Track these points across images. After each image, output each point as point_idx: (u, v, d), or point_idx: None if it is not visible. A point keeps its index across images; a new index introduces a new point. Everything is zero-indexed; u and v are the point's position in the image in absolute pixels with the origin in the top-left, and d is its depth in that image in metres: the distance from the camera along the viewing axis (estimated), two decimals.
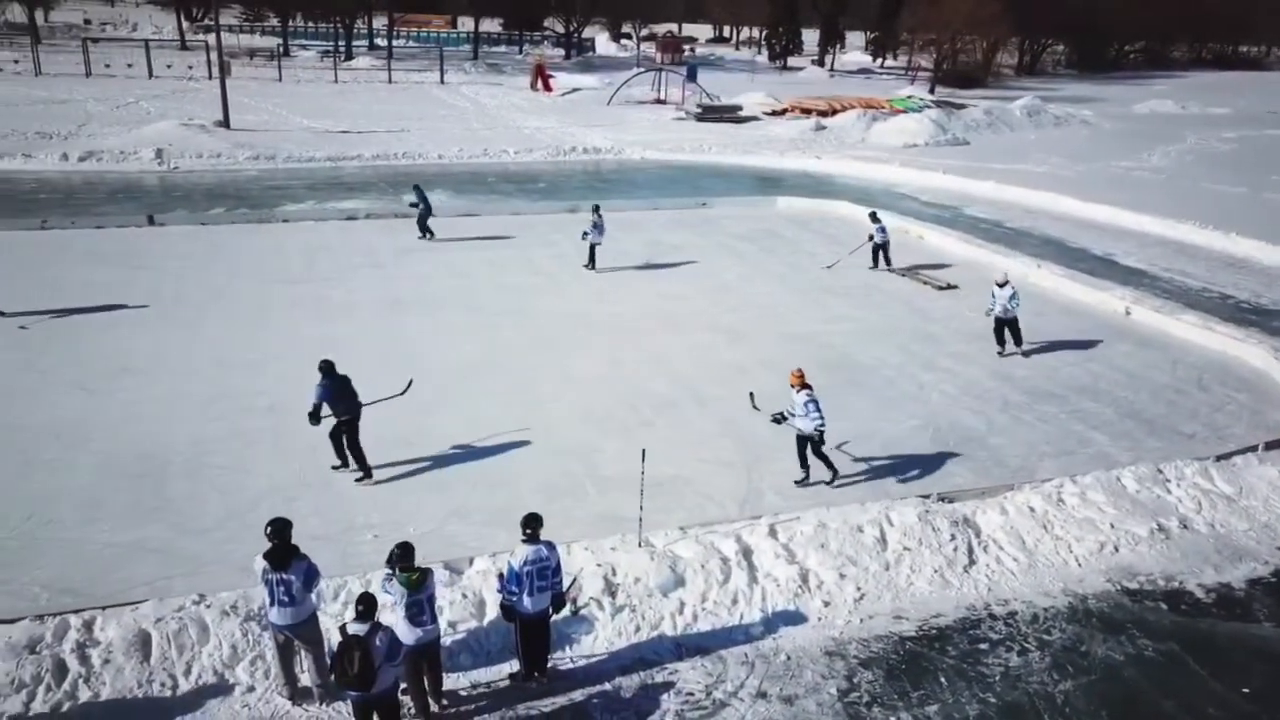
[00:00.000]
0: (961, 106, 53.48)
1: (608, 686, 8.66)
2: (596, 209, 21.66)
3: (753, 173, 37.53)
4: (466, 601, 9.25)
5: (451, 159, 37.33)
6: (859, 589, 10.00)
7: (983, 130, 48.36)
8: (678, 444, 12.93)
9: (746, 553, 10.18)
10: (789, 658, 9.12)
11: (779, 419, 11.71)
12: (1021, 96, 57.47)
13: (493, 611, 9.00)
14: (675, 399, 14.52)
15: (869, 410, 14.34)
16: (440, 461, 12.28)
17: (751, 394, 12.53)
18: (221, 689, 8.32)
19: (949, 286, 20.94)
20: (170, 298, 18.41)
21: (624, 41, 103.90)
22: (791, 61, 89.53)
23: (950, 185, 34.07)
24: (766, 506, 11.33)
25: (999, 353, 16.63)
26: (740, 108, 52.31)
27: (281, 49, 71.95)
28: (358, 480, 11.64)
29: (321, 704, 8.18)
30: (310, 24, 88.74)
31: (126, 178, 32.42)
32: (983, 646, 9.40)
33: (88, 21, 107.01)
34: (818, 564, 10.16)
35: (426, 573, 7.98)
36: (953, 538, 10.67)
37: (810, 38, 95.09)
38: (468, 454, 12.53)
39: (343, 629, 7.19)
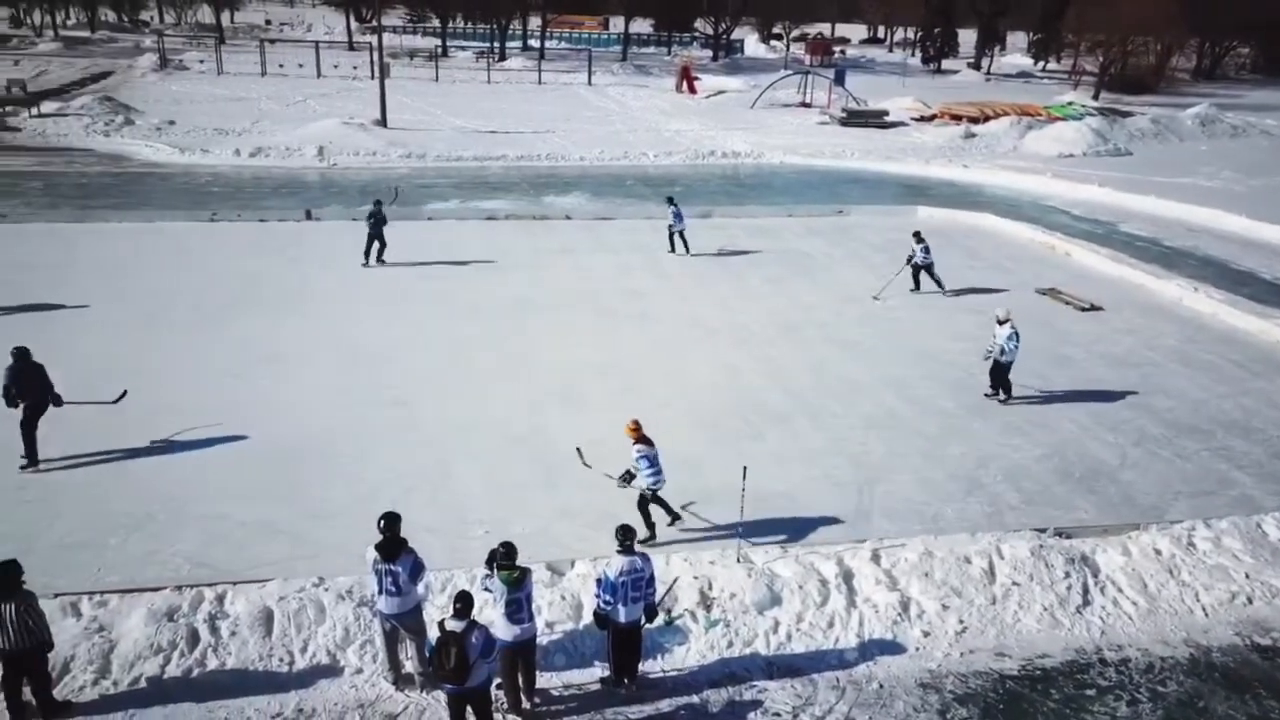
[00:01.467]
0: (1127, 114, 50.71)
1: (695, 699, 8.76)
2: (671, 200, 23.54)
3: (894, 180, 36.72)
4: (564, 603, 9.54)
5: (592, 161, 38.05)
6: (961, 621, 9.75)
7: (1148, 140, 45.67)
8: (787, 459, 12.89)
9: (847, 576, 10.08)
10: (882, 686, 9.00)
11: (626, 479, 10.62)
12: (1196, 104, 53.92)
13: (589, 615, 9.24)
14: (789, 412, 14.45)
15: (991, 435, 13.90)
16: (552, 462, 12.62)
17: (579, 449, 11.42)
18: (332, 669, 8.87)
19: (1093, 308, 19.97)
20: (315, 290, 19.56)
21: (773, 43, 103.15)
22: (946, 64, 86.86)
23: (1106, 199, 32.43)
24: (873, 530, 11.17)
25: (985, 394, 15.00)
26: (886, 113, 51.19)
27: (440, 50, 74.86)
28: (21, 469, 11.77)
29: (422, 691, 8.61)
30: (468, 25, 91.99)
31: (290, 173, 34.56)
32: (1089, 692, 9.02)
33: (268, 22, 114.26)
34: (920, 593, 9.97)
35: (526, 572, 8.28)
36: (1067, 575, 10.25)
37: (967, 39, 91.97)
38: (578, 456, 12.81)
39: (441, 624, 7.55)
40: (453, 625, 7.45)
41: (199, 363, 15.59)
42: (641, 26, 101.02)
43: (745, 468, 10.31)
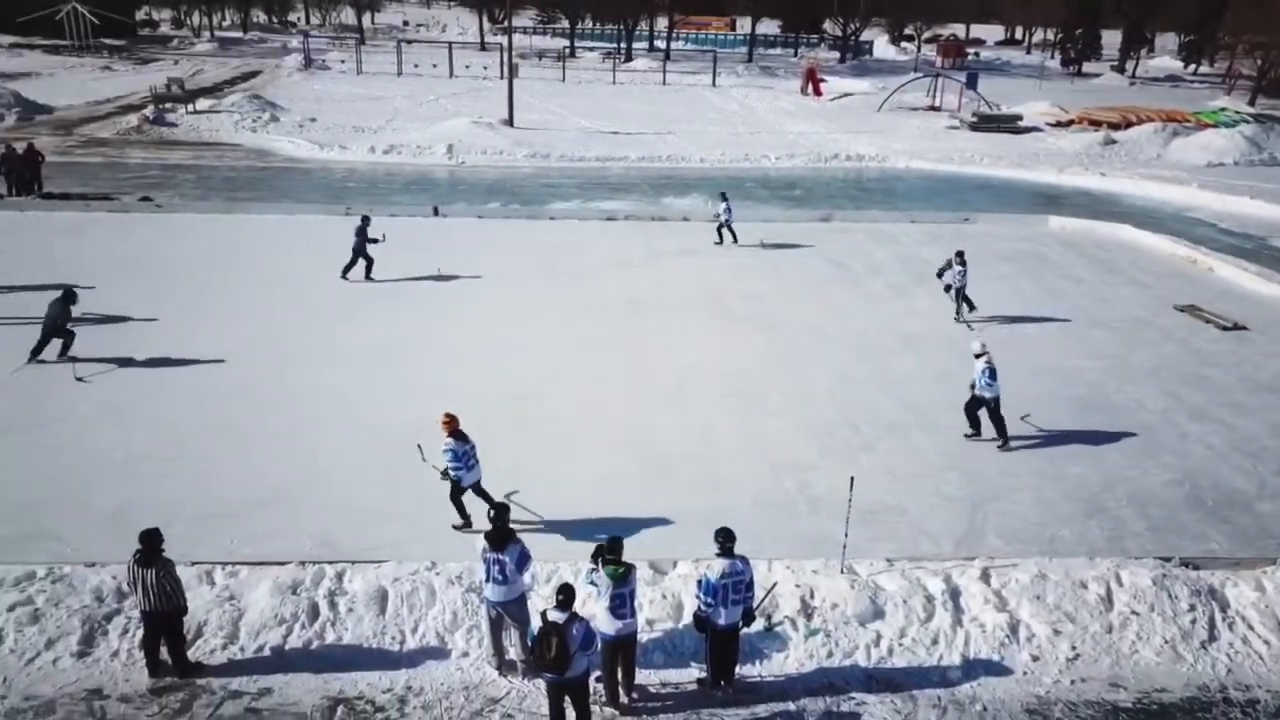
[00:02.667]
0: None
1: (792, 706, 8.74)
2: (724, 195, 24.52)
3: (1025, 188, 35.46)
4: (666, 602, 9.65)
5: (713, 163, 38.08)
6: (1074, 648, 9.41)
7: None
8: (899, 471, 12.67)
9: (954, 593, 9.86)
10: (985, 709, 8.78)
11: (446, 473, 10.74)
12: None
13: (689, 616, 9.32)
14: (903, 423, 14.19)
15: (1118, 457, 13.32)
16: (660, 462, 12.76)
17: (420, 446, 11.23)
18: (440, 651, 9.22)
19: (1237, 327, 18.87)
20: (438, 284, 20.24)
21: (904, 44, 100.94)
22: (1088, 67, 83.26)
23: (1258, 212, 30.54)
24: (984, 548, 10.89)
25: (966, 435, 13.65)
26: (1020, 117, 49.45)
27: (567, 50, 76.17)
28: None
29: (524, 678, 8.86)
30: (596, 26, 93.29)
31: (420, 170, 35.79)
32: None
33: (405, 23, 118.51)
34: (1030, 615, 9.67)
35: (631, 568, 8.43)
36: (1192, 608, 9.77)
37: (1112, 41, 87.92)
38: (689, 458, 12.93)
39: (544, 614, 7.77)
40: (555, 616, 7.65)
41: (335, 349, 16.35)
42: (769, 28, 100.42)
43: (852, 478, 10.21)
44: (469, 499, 10.92)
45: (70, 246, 22.12)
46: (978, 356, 13.43)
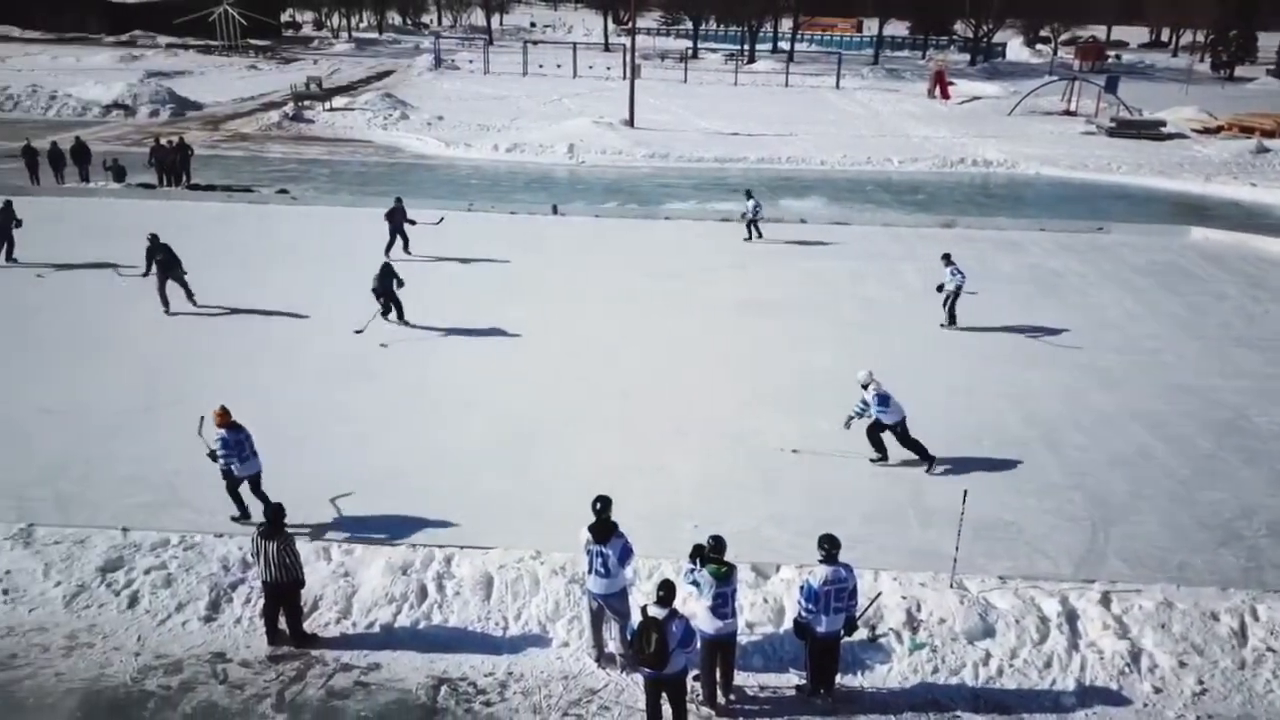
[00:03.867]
0: None
1: (893, 719, 8.53)
2: (749, 193, 24.96)
3: (1166, 198, 33.70)
4: (767, 606, 9.55)
5: (833, 165, 37.54)
6: (1201, 683, 8.88)
7: None
8: (1019, 488, 12.20)
9: (1071, 617, 9.43)
10: None
11: (214, 456, 10.62)
12: None
13: (790, 621, 9.18)
14: (1026, 439, 13.65)
15: (1258, 484, 12.51)
16: (772, 466, 12.63)
17: (202, 418, 10.95)
18: (541, 639, 9.36)
19: None
20: (553, 280, 20.55)
21: (1039, 47, 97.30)
22: (1241, 71, 78.53)
23: None
24: (1106, 572, 10.38)
25: (872, 460, 12.77)
26: (1163, 123, 47.01)
27: (690, 51, 76.30)
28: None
29: (622, 671, 8.91)
30: (720, 27, 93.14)
31: (541, 168, 36.47)
32: None
33: (533, 24, 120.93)
34: (1154, 644, 9.16)
35: (733, 567, 8.39)
36: None
37: (1269, 43, 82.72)
38: (798, 463, 12.76)
39: (644, 609, 7.79)
40: (655, 611, 7.66)
41: (452, 338, 16.81)
42: (896, 29, 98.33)
43: (966, 491, 9.89)
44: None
45: (216, 233, 23.39)
46: (865, 386, 12.54)
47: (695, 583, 8.28)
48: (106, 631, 9.33)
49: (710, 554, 8.25)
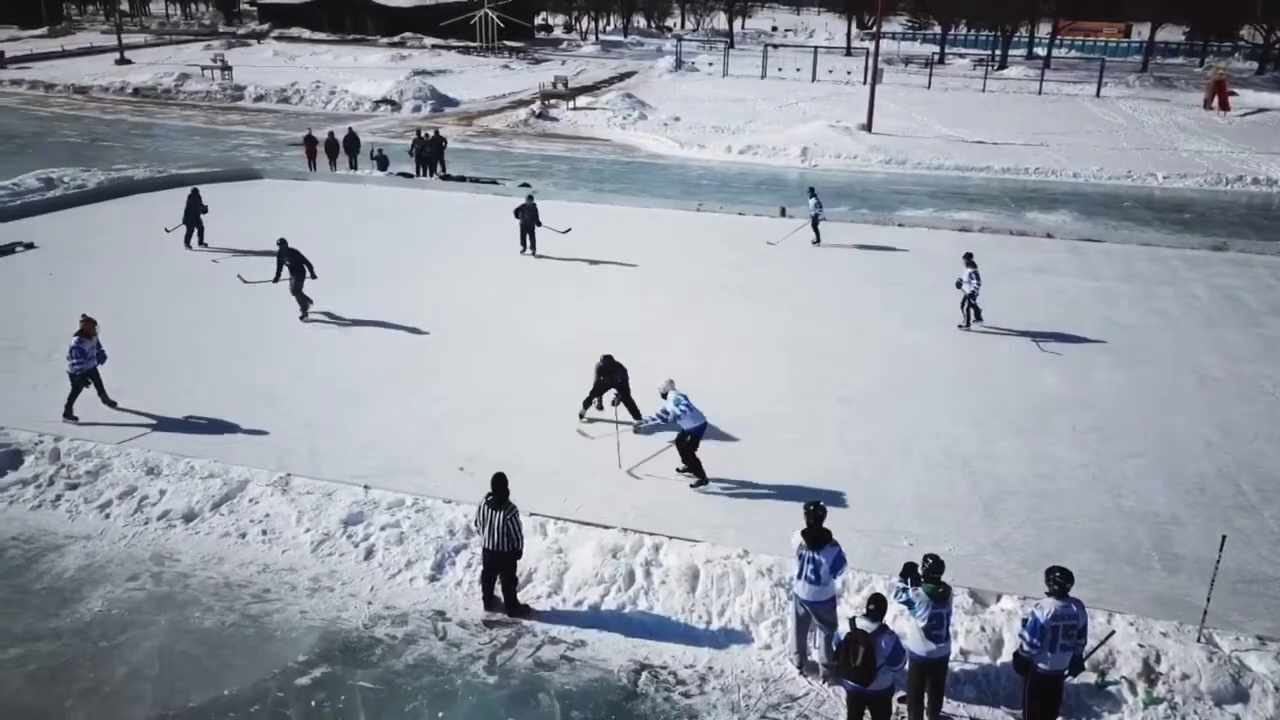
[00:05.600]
0: None
1: None
2: (812, 190, 24.41)
3: None
4: (983, 635, 9.02)
5: (1087, 179, 35.03)
6: None
7: None
8: None
9: None
10: None
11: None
12: None
13: (1008, 654, 8.65)
14: None
15: None
16: (995, 490, 11.94)
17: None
18: (743, 638, 9.28)
19: None
20: (779, 283, 20.36)
21: None
22: None
23: None
24: None
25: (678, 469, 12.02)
26: None
27: (936, 56, 73.50)
28: None
29: (824, 682, 8.69)
30: (970, 32, 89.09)
31: (772, 170, 36.32)
32: None
33: (774, 28, 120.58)
34: None
35: (950, 589, 7.99)
36: None
37: None
38: (1026, 490, 11.99)
39: (852, 621, 7.55)
40: (864, 624, 7.41)
41: (674, 335, 17.05)
42: (1171, 34, 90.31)
43: (1224, 537, 8.92)
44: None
45: (460, 221, 24.94)
46: (664, 396, 11.79)
47: (909, 601, 7.94)
48: (345, 579, 10.15)
49: (930, 572, 7.88)
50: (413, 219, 25.46)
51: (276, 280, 17.64)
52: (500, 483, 9.35)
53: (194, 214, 21.92)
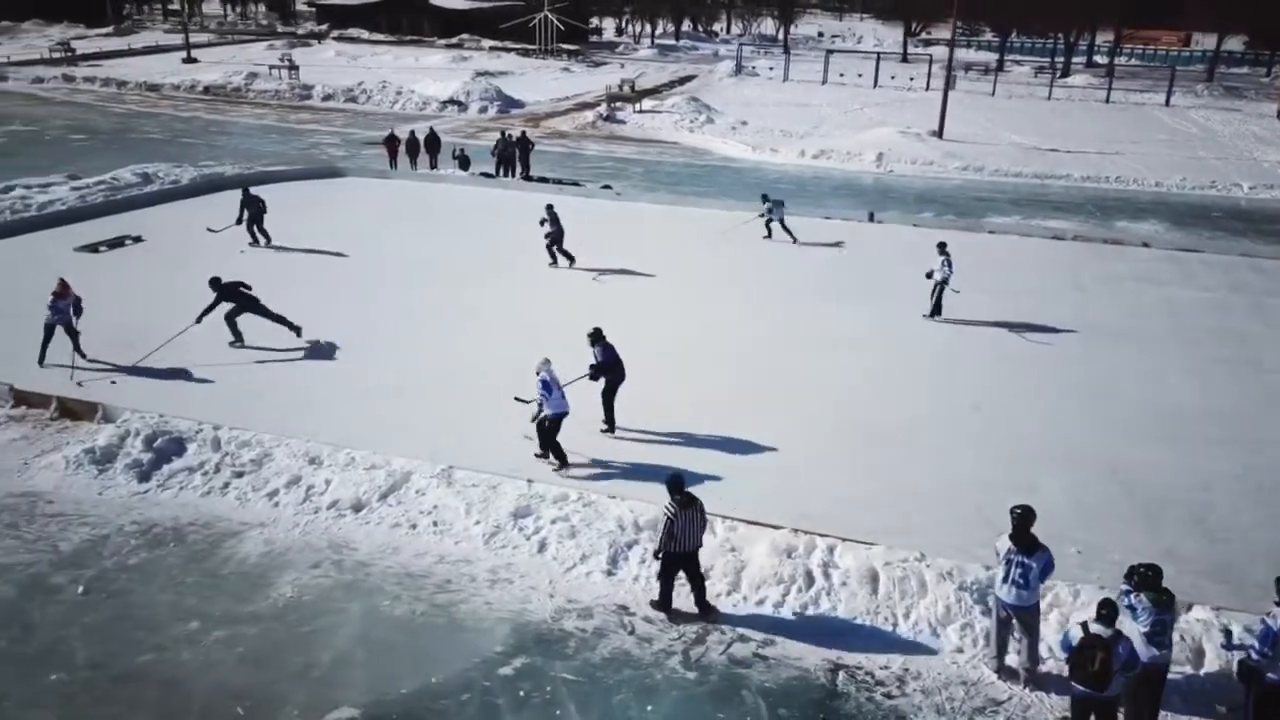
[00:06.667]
0: None
1: None
2: (765, 197, 24.40)
3: None
4: (1182, 645, 8.93)
5: (1171, 188, 34.58)
6: None
7: None
8: None
9: None
10: None
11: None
12: None
13: (1211, 664, 8.60)
14: None
15: None
16: (1150, 497, 11.86)
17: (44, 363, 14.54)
18: (933, 641, 9.27)
19: None
20: (880, 286, 20.26)
21: None
22: None
23: None
24: None
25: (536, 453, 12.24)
26: None
27: (997, 64, 72.94)
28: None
29: (1025, 687, 8.65)
30: (1027, 40, 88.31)
31: (846, 175, 36.20)
32: None
33: (820, 35, 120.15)
34: None
35: (1174, 596, 7.95)
36: None
37: None
38: (1185, 499, 11.88)
39: (1084, 625, 7.51)
40: (1099, 629, 7.38)
41: (795, 335, 17.07)
42: (1230, 43, 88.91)
43: None
44: None
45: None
46: (537, 373, 11.91)
47: (1130, 606, 7.89)
48: (522, 571, 10.25)
49: (1149, 581, 7.83)
50: (502, 219, 25.63)
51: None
52: (678, 481, 9.37)
53: (255, 212, 21.68)
